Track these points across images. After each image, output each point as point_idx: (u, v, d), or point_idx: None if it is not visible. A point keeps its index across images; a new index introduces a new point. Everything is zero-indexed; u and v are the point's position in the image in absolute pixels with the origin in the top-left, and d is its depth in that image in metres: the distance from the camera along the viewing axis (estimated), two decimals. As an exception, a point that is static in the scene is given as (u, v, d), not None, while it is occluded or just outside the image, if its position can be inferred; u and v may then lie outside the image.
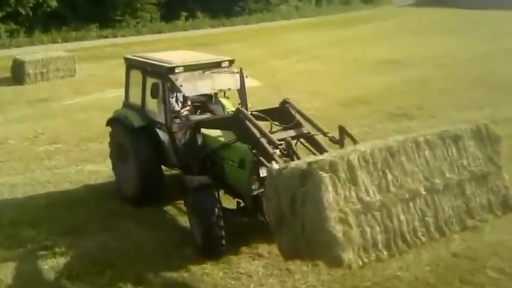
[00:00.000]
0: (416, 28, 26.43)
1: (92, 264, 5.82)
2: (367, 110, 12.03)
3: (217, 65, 6.98)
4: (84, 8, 26.87)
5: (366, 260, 4.11)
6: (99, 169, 8.68)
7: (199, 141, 6.61)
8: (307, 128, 6.09)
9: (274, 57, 19.24)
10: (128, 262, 5.85)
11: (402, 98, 12.86)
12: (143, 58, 7.40)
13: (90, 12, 26.67)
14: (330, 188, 4.03)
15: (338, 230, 3.97)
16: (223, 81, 6.84)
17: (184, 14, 30.07)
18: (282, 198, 4.35)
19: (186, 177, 6.30)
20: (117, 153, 7.53)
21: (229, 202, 6.43)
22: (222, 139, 6.48)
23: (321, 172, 4.05)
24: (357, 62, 18.17)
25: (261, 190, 5.63)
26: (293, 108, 6.23)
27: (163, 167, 7.24)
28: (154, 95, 6.75)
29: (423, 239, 4.42)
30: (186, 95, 6.94)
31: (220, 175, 6.33)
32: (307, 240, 4.18)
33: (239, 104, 6.87)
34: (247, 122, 5.69)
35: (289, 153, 5.35)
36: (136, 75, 7.38)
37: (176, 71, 6.68)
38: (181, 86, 6.53)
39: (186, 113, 7.28)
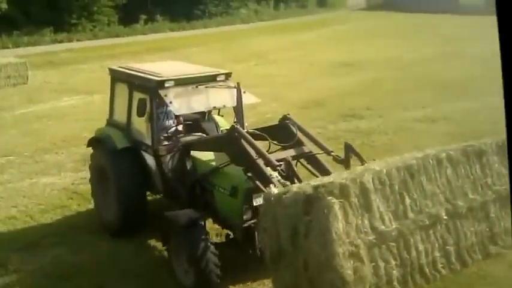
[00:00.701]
0: (367, 32, 27.25)
1: (45, 278, 5.68)
2: (321, 112, 12.53)
3: (212, 78, 6.16)
4: (37, 11, 25.70)
5: None
6: (55, 181, 8.41)
7: (189, 165, 5.86)
8: (309, 146, 5.48)
9: (234, 61, 19.47)
10: (84, 274, 5.74)
11: (354, 100, 13.39)
12: (130, 70, 6.57)
13: (43, 16, 25.59)
14: (340, 217, 3.44)
15: (347, 267, 3.39)
16: (218, 98, 6.07)
17: (143, 17, 29.58)
18: (282, 228, 3.74)
19: (169, 213, 5.43)
20: (98, 177, 6.75)
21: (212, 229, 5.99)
22: (214, 163, 5.74)
23: (329, 198, 3.46)
24: (313, 65, 18.68)
25: (254, 221, 5.06)
26: (294, 125, 5.61)
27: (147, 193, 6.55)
28: (140, 112, 6.00)
29: (443, 271, 3.89)
30: (176, 113, 6.12)
31: (210, 203, 5.65)
32: (310, 278, 3.60)
33: (234, 122, 6.06)
34: (242, 141, 5.09)
35: (289, 175, 4.81)
36: (122, 89, 6.59)
37: (166, 85, 5.86)
38: (171, 103, 5.75)
39: (175, 132, 6.48)
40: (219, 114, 6.93)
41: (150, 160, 6.19)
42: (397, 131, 11.03)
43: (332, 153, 5.41)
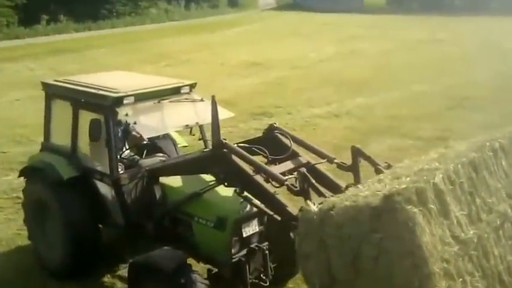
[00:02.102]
0: (276, 31, 28.00)
1: None
2: (232, 111, 12.88)
3: (175, 91, 5.44)
4: None
5: None
6: None
7: (158, 194, 5.08)
8: (305, 157, 4.86)
9: (144, 62, 19.11)
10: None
11: (263, 98, 13.80)
12: (73, 84, 5.61)
13: None
14: (427, 229, 2.89)
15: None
16: (189, 114, 5.33)
17: (45, 17, 27.89)
18: (336, 253, 3.09)
19: (141, 258, 4.57)
20: (36, 213, 5.79)
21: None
22: (188, 190, 4.94)
23: (409, 207, 2.85)
24: (223, 65, 18.86)
25: (243, 253, 4.61)
26: (284, 134, 4.99)
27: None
28: (94, 136, 5.06)
29: None
30: (145, 136, 5.38)
31: (187, 237, 4.93)
32: None
33: (200, 139, 5.62)
34: (234, 157, 4.35)
35: (303, 189, 4.04)
36: (62, 108, 5.62)
37: (125, 102, 5.04)
38: (135, 123, 5.05)
39: (129, 154, 5.64)
40: (190, 133, 5.90)
41: (105, 190, 5.35)
42: (304, 127, 11.59)
43: (336, 161, 4.79)
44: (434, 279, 2.81)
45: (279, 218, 4.21)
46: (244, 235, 4.65)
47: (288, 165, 4.65)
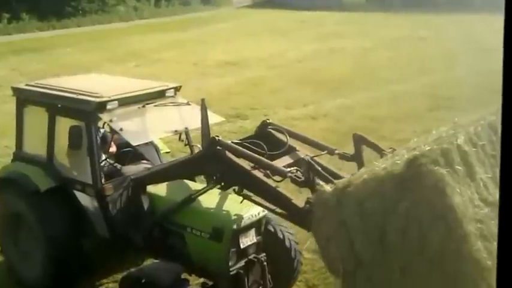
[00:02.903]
0: (251, 30, 28.01)
1: None
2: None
3: (160, 94, 5.34)
4: None
5: None
6: None
7: (145, 204, 4.99)
8: (303, 151, 4.73)
9: (112, 61, 18.93)
10: None
11: (237, 99, 13.75)
12: (49, 89, 5.41)
13: None
14: (458, 189, 2.86)
15: (482, 250, 2.79)
16: (175, 119, 5.23)
17: (6, 15, 27.43)
18: (358, 233, 3.01)
19: (137, 272, 4.59)
20: (11, 226, 5.64)
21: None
22: (179, 199, 4.80)
23: (436, 168, 2.79)
24: (196, 65, 18.75)
25: (241, 265, 4.59)
26: (279, 130, 4.89)
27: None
28: (75, 144, 4.96)
29: None
30: (133, 144, 5.26)
31: (178, 249, 4.84)
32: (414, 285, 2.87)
33: (186, 144, 5.56)
34: (228, 154, 4.25)
35: (309, 179, 3.90)
36: (36, 114, 5.47)
37: (108, 107, 4.90)
38: (121, 130, 4.88)
39: (108, 162, 5.51)
40: (180, 139, 5.72)
41: (87, 201, 5.22)
42: (280, 129, 11.52)
43: (337, 152, 4.71)
44: (470, 240, 2.75)
45: (283, 212, 4.17)
46: (242, 246, 4.60)
47: (287, 160, 4.56)
